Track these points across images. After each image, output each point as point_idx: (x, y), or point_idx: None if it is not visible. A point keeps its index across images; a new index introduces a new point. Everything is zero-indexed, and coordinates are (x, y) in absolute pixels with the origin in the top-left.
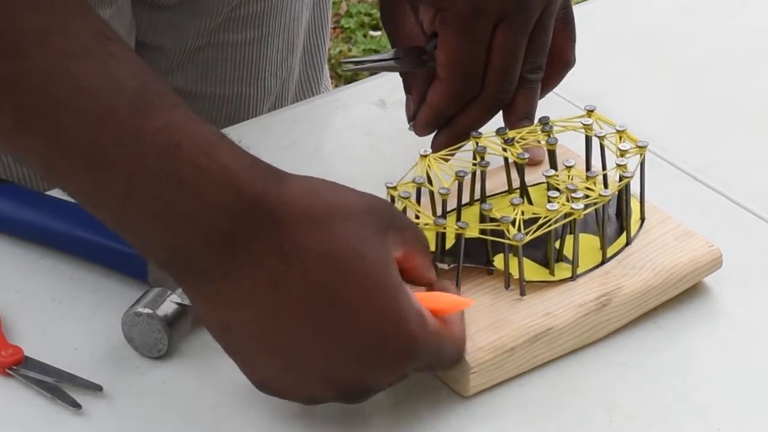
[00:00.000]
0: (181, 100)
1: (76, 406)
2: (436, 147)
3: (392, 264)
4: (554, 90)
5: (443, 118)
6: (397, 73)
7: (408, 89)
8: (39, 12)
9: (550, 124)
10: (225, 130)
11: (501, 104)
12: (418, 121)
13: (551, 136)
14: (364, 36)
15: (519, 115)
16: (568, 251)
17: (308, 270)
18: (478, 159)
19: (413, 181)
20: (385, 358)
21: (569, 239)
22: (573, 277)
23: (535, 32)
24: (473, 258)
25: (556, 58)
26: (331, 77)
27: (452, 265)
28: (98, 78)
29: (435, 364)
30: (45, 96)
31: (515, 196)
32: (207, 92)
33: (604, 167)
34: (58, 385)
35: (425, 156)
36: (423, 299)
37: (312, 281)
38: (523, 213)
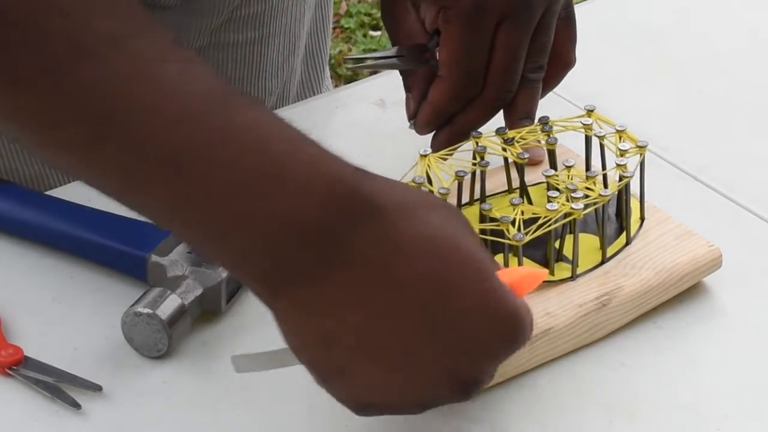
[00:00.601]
0: (258, 99)
1: (76, 406)
2: (436, 146)
3: (482, 249)
4: (554, 89)
5: (444, 117)
6: (398, 73)
7: (408, 87)
8: (115, 18)
9: (550, 123)
10: None
11: (502, 103)
12: (418, 120)
13: (551, 135)
14: (364, 36)
15: (520, 114)
16: (567, 251)
17: (416, 258)
18: (478, 159)
19: (413, 181)
20: (499, 344)
21: (569, 239)
22: (573, 277)
23: (537, 31)
24: None
25: (556, 58)
26: (331, 77)
27: None
28: (179, 80)
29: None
30: (126, 100)
31: (515, 196)
32: None
33: (603, 167)
34: (58, 385)
35: (425, 156)
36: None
37: (421, 271)
38: (522, 213)
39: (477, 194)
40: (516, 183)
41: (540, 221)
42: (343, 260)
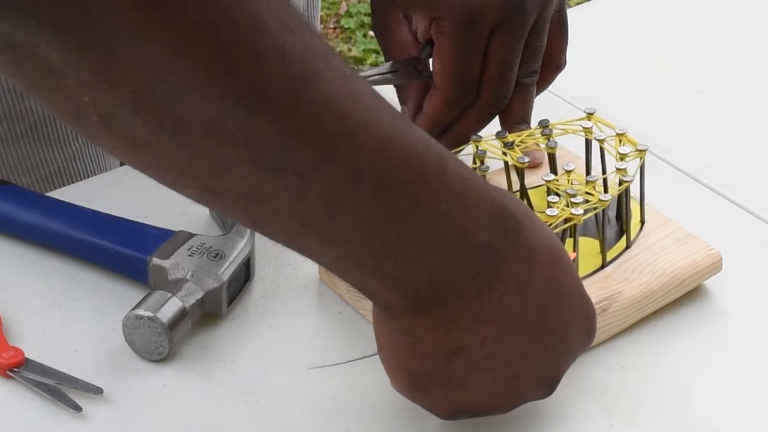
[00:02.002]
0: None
1: (77, 408)
2: None
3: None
4: (554, 92)
5: (441, 127)
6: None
7: (403, 100)
8: (318, 38)
9: (550, 127)
10: None
11: (497, 110)
12: None
13: (551, 139)
14: (364, 36)
15: (515, 119)
16: None
17: (544, 269)
18: (478, 163)
19: None
20: (585, 344)
21: (569, 243)
22: None
23: (530, 36)
24: None
25: (547, 61)
26: None
27: None
28: (372, 95)
29: None
30: (347, 118)
31: None
32: None
33: (604, 171)
34: (58, 388)
35: None
36: None
37: (547, 280)
38: None
39: None
40: (516, 186)
41: None
42: (496, 278)
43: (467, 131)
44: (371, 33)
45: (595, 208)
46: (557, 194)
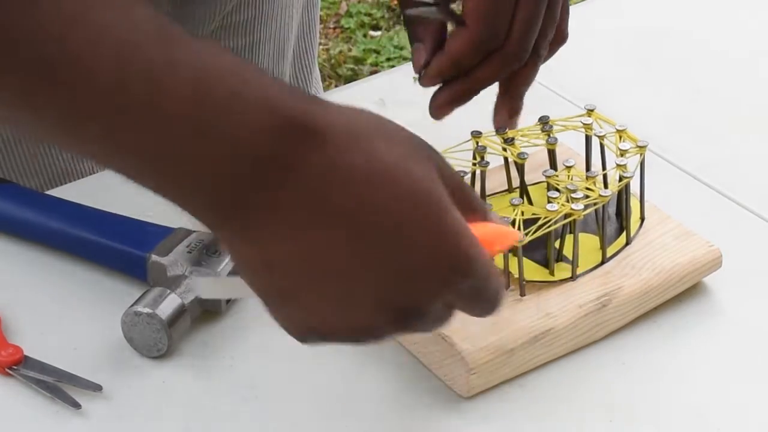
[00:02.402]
0: (200, 38)
1: (76, 405)
2: (439, 101)
3: (439, 181)
4: (554, 90)
5: (459, 69)
6: (395, 73)
7: (418, 37)
8: None
9: (550, 123)
10: None
11: (519, 63)
12: (431, 70)
13: (551, 135)
14: (364, 36)
15: (519, 88)
16: (568, 251)
17: (353, 188)
18: (478, 158)
19: None
20: (439, 274)
21: (569, 239)
22: (573, 277)
23: (548, 8)
24: None
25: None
26: (331, 77)
27: None
28: (120, 21)
29: (482, 293)
30: (65, 44)
31: (515, 196)
32: None
33: (604, 167)
34: (57, 385)
35: None
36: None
37: (358, 200)
38: (522, 213)
39: (477, 194)
40: (516, 182)
41: (540, 222)
42: (289, 187)
43: (486, 78)
44: (371, 33)
45: (595, 204)
46: (557, 190)
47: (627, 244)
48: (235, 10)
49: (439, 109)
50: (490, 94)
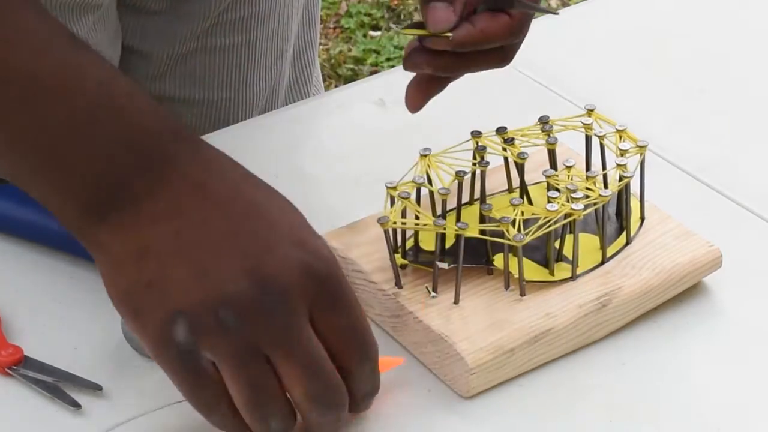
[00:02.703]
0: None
1: (76, 405)
2: (416, 92)
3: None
4: (555, 90)
5: (476, 49)
6: (395, 73)
7: None
8: None
9: (550, 123)
10: (222, 131)
11: (506, 64)
12: (459, 36)
13: (551, 135)
14: (364, 36)
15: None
16: (568, 251)
17: (227, 178)
18: (478, 158)
19: (413, 181)
20: (295, 247)
21: (569, 239)
22: (573, 277)
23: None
24: (473, 258)
25: None
26: (331, 77)
27: (452, 266)
28: (33, 18)
29: (340, 303)
30: None
31: (515, 196)
32: (195, 97)
33: (604, 167)
34: (57, 385)
35: (425, 156)
36: None
37: (232, 186)
38: (522, 213)
39: (477, 194)
40: (516, 182)
41: (540, 222)
42: (168, 179)
43: (468, 69)
44: (371, 33)
45: (595, 204)
46: (557, 190)
47: (627, 244)
48: (231, 7)
49: (416, 102)
50: (491, 94)
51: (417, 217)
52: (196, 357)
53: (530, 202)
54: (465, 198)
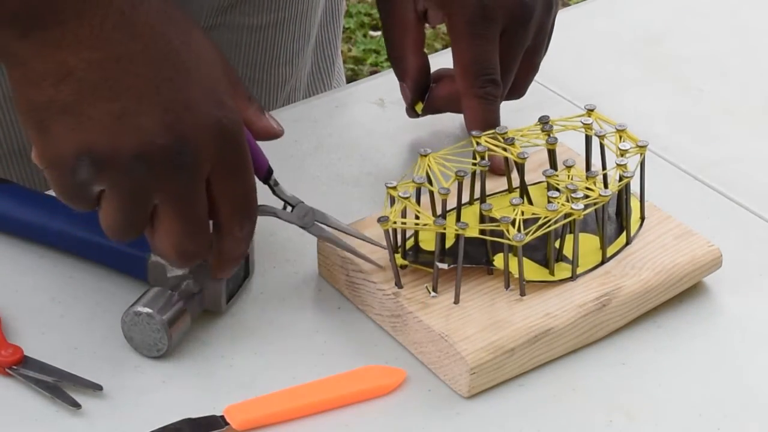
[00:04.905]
0: None
1: (76, 405)
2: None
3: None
4: (554, 90)
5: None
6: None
7: (400, 76)
8: None
9: (550, 123)
10: None
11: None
12: (425, 111)
13: (551, 135)
14: (364, 36)
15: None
16: (568, 251)
17: (153, 16)
18: (478, 159)
19: (413, 181)
20: (215, 110)
21: (569, 239)
22: (573, 277)
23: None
24: (473, 258)
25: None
26: None
27: (452, 266)
28: None
29: (239, 172)
30: None
31: (515, 196)
32: None
33: (604, 167)
34: (57, 385)
35: (425, 156)
36: None
37: (157, 27)
38: (522, 213)
39: (477, 194)
40: (516, 182)
41: (540, 222)
42: (95, 4)
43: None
44: (371, 33)
45: (595, 204)
46: (557, 190)
47: (627, 244)
48: None
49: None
50: None
51: (417, 217)
52: (89, 187)
53: (530, 202)
54: (465, 198)
